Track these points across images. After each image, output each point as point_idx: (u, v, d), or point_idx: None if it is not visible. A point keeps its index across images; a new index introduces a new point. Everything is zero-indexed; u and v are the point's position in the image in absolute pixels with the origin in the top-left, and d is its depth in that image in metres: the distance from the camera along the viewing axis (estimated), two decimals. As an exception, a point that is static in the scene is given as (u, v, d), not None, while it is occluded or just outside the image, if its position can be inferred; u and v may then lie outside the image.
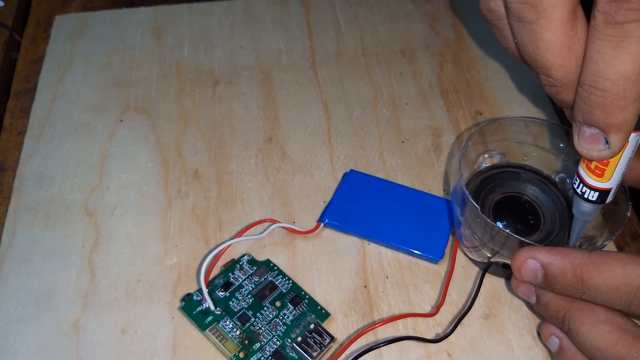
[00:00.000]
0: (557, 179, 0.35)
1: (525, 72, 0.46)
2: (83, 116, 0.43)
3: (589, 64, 0.24)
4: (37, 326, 0.33)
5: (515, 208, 0.34)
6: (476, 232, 0.32)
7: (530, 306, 0.34)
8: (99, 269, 0.35)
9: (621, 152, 0.26)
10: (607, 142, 0.25)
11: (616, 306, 0.27)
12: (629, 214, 0.31)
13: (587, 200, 0.28)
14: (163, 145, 0.42)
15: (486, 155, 0.36)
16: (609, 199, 0.28)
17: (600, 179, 0.27)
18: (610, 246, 0.37)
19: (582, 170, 0.28)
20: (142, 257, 0.36)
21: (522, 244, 0.29)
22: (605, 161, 0.27)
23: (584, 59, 0.25)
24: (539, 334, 0.32)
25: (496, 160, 0.36)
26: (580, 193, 0.28)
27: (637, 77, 0.23)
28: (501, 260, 0.32)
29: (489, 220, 0.30)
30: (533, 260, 0.28)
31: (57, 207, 0.38)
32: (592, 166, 0.27)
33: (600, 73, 0.24)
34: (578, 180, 0.28)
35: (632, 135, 0.26)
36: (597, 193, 0.28)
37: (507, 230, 0.30)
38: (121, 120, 0.43)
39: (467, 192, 0.31)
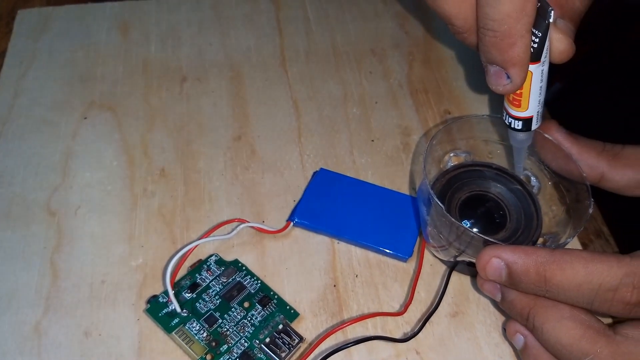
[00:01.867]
0: (522, 177, 0.36)
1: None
2: (46, 113, 0.42)
3: (479, 9, 0.28)
4: (-4, 330, 0.32)
5: (481, 207, 0.35)
6: (442, 232, 0.32)
7: (496, 304, 0.34)
8: (62, 270, 0.34)
9: (529, 83, 0.29)
10: (508, 77, 0.29)
11: (579, 304, 0.27)
12: (590, 210, 0.31)
13: (514, 129, 0.32)
14: (129, 143, 0.41)
15: (452, 154, 0.36)
16: (533, 127, 0.31)
17: (519, 108, 0.31)
18: (575, 244, 0.37)
19: (505, 103, 0.31)
20: (107, 258, 0.35)
21: (486, 243, 0.29)
22: (518, 92, 0.30)
23: (476, 6, 0.29)
24: (505, 330, 0.33)
25: (462, 158, 0.37)
26: (507, 124, 0.32)
27: (517, 15, 0.27)
28: (467, 259, 0.32)
29: (453, 219, 0.30)
30: (497, 259, 0.28)
31: (18, 207, 0.37)
32: (510, 98, 0.31)
33: (488, 15, 0.28)
34: (504, 113, 0.32)
35: (534, 67, 0.29)
36: (521, 122, 0.31)
37: (472, 230, 0.30)
38: (85, 118, 0.42)
39: (431, 192, 0.31)
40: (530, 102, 0.30)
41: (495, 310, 0.34)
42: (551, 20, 0.27)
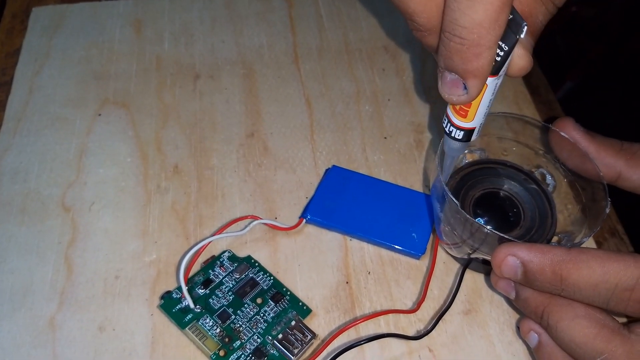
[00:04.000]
0: (537, 175, 0.35)
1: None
2: (60, 110, 0.43)
3: (448, 12, 0.26)
4: (12, 324, 0.32)
5: (495, 204, 0.35)
6: (456, 229, 0.32)
7: (510, 302, 0.34)
8: (76, 265, 0.35)
9: (481, 95, 0.28)
10: (465, 88, 0.27)
11: (595, 303, 0.27)
12: (607, 210, 0.31)
13: (454, 138, 0.30)
14: (142, 139, 0.41)
15: (466, 151, 0.36)
16: (473, 137, 0.30)
17: (465, 119, 0.29)
18: (590, 242, 0.37)
19: (450, 111, 0.30)
20: (121, 254, 0.35)
21: (501, 241, 0.29)
22: (468, 103, 0.28)
23: (444, 7, 0.26)
24: (518, 328, 0.32)
25: (476, 156, 0.36)
26: (448, 132, 0.30)
27: (489, 25, 0.25)
28: (481, 256, 0.32)
29: (468, 216, 0.30)
30: (513, 257, 0.28)
31: (33, 203, 0.37)
32: (457, 108, 0.29)
33: (457, 21, 0.25)
34: (446, 120, 0.30)
35: (491, 80, 0.27)
36: (462, 132, 0.30)
37: (487, 227, 0.30)
38: (99, 115, 0.42)
39: (446, 189, 0.31)
40: (477, 114, 0.29)
41: (508, 308, 0.34)
42: (522, 36, 0.26)
